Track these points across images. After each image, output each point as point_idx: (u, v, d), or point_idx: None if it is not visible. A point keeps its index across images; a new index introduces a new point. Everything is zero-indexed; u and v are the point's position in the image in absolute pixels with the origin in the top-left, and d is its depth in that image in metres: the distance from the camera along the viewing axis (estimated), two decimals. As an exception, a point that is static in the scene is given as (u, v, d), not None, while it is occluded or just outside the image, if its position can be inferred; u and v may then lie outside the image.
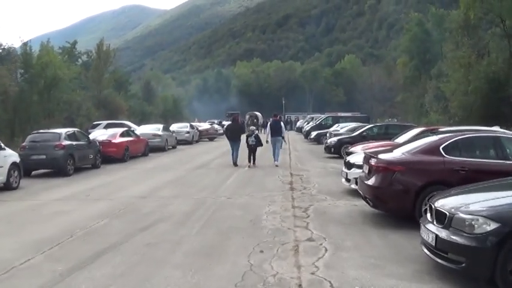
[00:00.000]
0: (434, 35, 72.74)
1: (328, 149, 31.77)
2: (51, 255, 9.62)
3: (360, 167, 14.43)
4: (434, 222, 7.88)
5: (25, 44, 49.56)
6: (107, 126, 39.25)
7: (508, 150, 11.80)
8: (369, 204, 12.32)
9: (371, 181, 11.75)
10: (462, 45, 50.25)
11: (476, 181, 9.34)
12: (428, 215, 8.26)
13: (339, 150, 29.68)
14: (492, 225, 6.98)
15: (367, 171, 12.34)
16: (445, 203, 7.95)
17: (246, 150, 26.66)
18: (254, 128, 29.99)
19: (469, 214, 7.27)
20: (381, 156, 12.08)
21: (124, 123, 43.55)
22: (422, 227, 8.30)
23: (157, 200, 15.63)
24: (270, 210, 13.45)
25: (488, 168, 11.26)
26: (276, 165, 25.84)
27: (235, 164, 26.24)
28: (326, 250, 9.47)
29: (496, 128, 17.48)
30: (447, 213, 7.56)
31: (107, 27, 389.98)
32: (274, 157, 26.76)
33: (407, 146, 12.70)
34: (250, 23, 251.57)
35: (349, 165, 16.06)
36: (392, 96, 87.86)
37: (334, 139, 32.38)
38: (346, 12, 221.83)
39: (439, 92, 56.07)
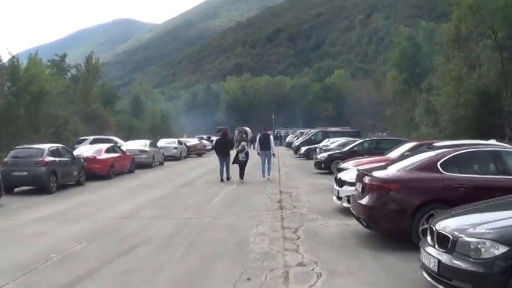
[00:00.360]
0: (425, 49, 72.60)
1: (318, 164, 31.15)
2: (24, 283, 8.97)
3: (352, 184, 13.81)
4: (436, 246, 7.21)
5: (13, 57, 49.03)
6: (93, 142, 38.76)
7: (508, 165, 11.20)
8: (362, 224, 11.58)
9: (365, 200, 11.05)
10: (453, 58, 50.12)
11: (477, 198, 8.72)
12: (429, 237, 7.60)
13: (329, 166, 29.27)
14: (501, 249, 6.33)
15: (360, 190, 11.64)
16: (447, 225, 7.28)
17: (236, 166, 26.49)
18: (245, 143, 30.15)
19: (475, 237, 6.62)
20: (375, 173, 11.39)
21: (111, 139, 43.03)
22: (422, 250, 7.61)
23: (139, 221, 14.91)
24: (258, 232, 12.74)
25: (489, 184, 10.67)
26: (268, 179, 26.14)
27: (222, 180, 26.11)
28: (318, 276, 8.78)
29: (493, 142, 16.93)
30: (450, 237, 6.90)
31: (97, 41, 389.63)
32: (264, 172, 26.78)
33: (402, 162, 12.04)
34: (240, 37, 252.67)
35: (341, 183, 15.38)
36: (382, 110, 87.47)
37: (324, 154, 31.80)
38: (336, 27, 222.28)
39: (429, 106, 55.91)
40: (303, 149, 46.99)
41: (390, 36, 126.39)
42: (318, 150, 38.92)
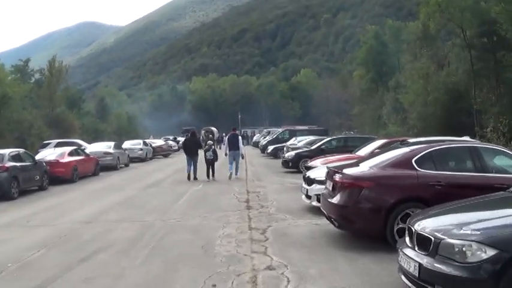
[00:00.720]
0: (391, 47, 72.82)
1: (285, 163, 30.72)
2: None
3: (321, 182, 13.32)
4: (416, 248, 6.64)
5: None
6: (57, 145, 37.74)
7: (486, 162, 10.68)
8: (333, 224, 11.01)
9: (336, 199, 10.47)
10: (421, 56, 50.23)
11: (454, 197, 8.26)
12: (407, 238, 7.04)
13: (297, 165, 28.91)
14: (489, 252, 5.77)
15: (330, 188, 11.06)
16: (427, 225, 6.71)
17: (204, 165, 26.70)
18: (211, 143, 29.93)
19: (460, 239, 6.04)
20: (347, 171, 10.79)
21: (74, 142, 42.33)
22: (400, 252, 7.03)
23: (101, 225, 14.23)
24: (225, 233, 12.14)
25: (467, 182, 10.15)
26: (237, 178, 26.44)
27: (189, 179, 26.23)
28: (288, 281, 8.22)
29: (466, 138, 16.48)
30: (432, 238, 6.32)
31: (61, 45, 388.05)
32: (233, 171, 26.88)
33: (375, 159, 11.46)
34: (206, 38, 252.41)
35: (310, 181, 14.87)
36: (349, 108, 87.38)
37: (292, 153, 31.33)
38: (302, 26, 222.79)
39: (397, 104, 56.02)
40: (270, 148, 46.65)
41: (356, 35, 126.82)
42: (285, 149, 38.44)
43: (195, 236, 12.08)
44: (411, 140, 13.12)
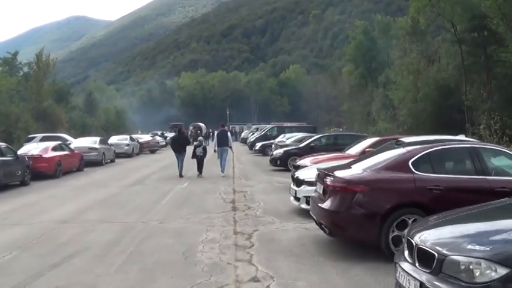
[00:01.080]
0: (380, 43, 72.13)
1: (273, 161, 30.03)
2: None
3: (311, 184, 12.67)
4: (417, 264, 5.86)
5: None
6: (42, 140, 37.01)
7: (487, 164, 9.96)
8: (324, 231, 10.26)
9: (327, 204, 9.69)
10: (410, 51, 49.74)
11: (454, 202, 7.71)
12: (406, 252, 6.26)
13: (285, 163, 28.28)
14: (500, 271, 5.03)
15: (321, 192, 10.31)
16: (428, 238, 5.95)
17: (191, 161, 27.07)
18: (202, 139, 30.24)
19: (467, 255, 5.28)
20: (338, 173, 10.03)
21: (60, 136, 41.46)
22: (398, 268, 6.24)
23: (79, 226, 13.48)
24: (208, 238, 11.41)
25: (467, 185, 9.44)
26: (222, 176, 26.14)
27: (181, 176, 26.20)
28: (274, 295, 7.50)
29: (462, 137, 15.75)
30: (435, 254, 5.54)
31: (51, 38, 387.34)
32: (221, 167, 27.07)
33: (368, 160, 10.69)
34: (195, 33, 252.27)
35: (299, 182, 14.12)
36: (338, 105, 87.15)
37: (280, 151, 30.68)
38: (291, 22, 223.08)
39: (386, 100, 55.59)
40: (258, 144, 46.17)
41: (345, 31, 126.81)
42: (273, 146, 38.17)
43: (176, 241, 11.36)
44: (406, 140, 12.21)
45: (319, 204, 9.98)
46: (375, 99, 60.97)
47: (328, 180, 9.89)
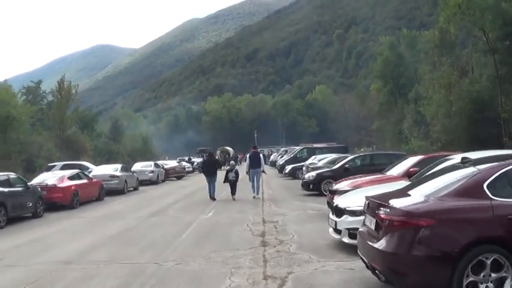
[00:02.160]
0: (408, 58, 70.30)
1: (306, 185, 28.23)
2: None
3: (353, 213, 10.90)
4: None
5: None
6: (63, 168, 35.88)
7: None
8: (378, 277, 8.09)
9: (381, 244, 7.50)
10: (440, 64, 48.04)
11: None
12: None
13: (318, 187, 26.63)
14: None
15: (373, 227, 8.11)
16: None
17: (224, 185, 27.53)
18: (233, 163, 31.18)
19: None
20: (395, 203, 7.80)
21: (81, 164, 40.32)
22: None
23: (82, 268, 11.57)
24: (232, 285, 9.37)
25: None
26: (255, 197, 26.44)
27: (211, 198, 26.73)
28: None
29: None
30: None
31: (77, 68, 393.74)
32: (253, 190, 26.92)
33: (429, 185, 8.41)
34: (220, 58, 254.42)
35: (339, 211, 11.97)
36: (367, 124, 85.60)
37: (313, 174, 28.80)
38: (315, 43, 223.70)
39: (418, 117, 53.89)
40: (288, 167, 44.71)
41: (370, 49, 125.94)
42: (304, 168, 36.86)
43: (193, 289, 9.37)
44: (473, 157, 9.80)
45: (371, 244, 7.86)
46: (406, 116, 59.18)
47: (383, 212, 7.70)
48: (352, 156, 30.69)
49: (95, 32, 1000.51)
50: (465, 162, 8.58)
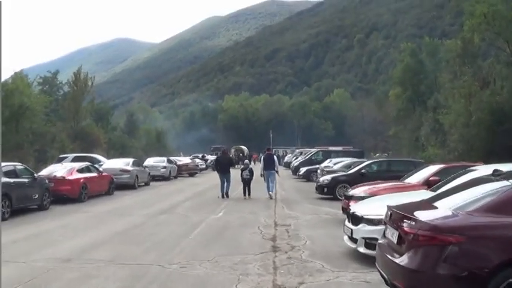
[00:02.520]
0: (428, 66, 69.73)
1: (320, 188, 27.40)
2: None
3: (371, 222, 10.32)
4: None
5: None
6: (74, 160, 35.35)
7: None
8: (399, 296, 7.38)
9: (404, 260, 6.80)
10: (461, 74, 47.46)
11: None
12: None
13: (333, 191, 25.94)
14: None
15: (395, 240, 7.38)
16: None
17: (239, 184, 27.90)
18: (248, 162, 31.04)
19: None
20: (421, 216, 7.10)
21: (93, 157, 39.75)
22: None
23: (81, 267, 10.95)
24: (238, 295, 8.71)
25: None
26: (271, 198, 26.26)
27: (223, 197, 26.86)
28: None
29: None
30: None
31: (96, 60, 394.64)
32: (268, 190, 27.00)
33: (457, 197, 7.69)
34: (239, 57, 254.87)
35: (356, 219, 11.26)
36: (384, 129, 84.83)
37: (328, 177, 28.00)
38: (335, 46, 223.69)
39: (436, 125, 53.31)
40: (303, 169, 44.13)
41: (390, 56, 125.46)
42: (319, 171, 36.11)
43: (196, 297, 8.71)
44: (503, 169, 9.11)
45: (392, 258, 7.15)
46: (424, 123, 58.59)
47: (407, 225, 7.00)
48: (369, 162, 30.03)
49: (115, 25, 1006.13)
50: (497, 175, 7.92)
